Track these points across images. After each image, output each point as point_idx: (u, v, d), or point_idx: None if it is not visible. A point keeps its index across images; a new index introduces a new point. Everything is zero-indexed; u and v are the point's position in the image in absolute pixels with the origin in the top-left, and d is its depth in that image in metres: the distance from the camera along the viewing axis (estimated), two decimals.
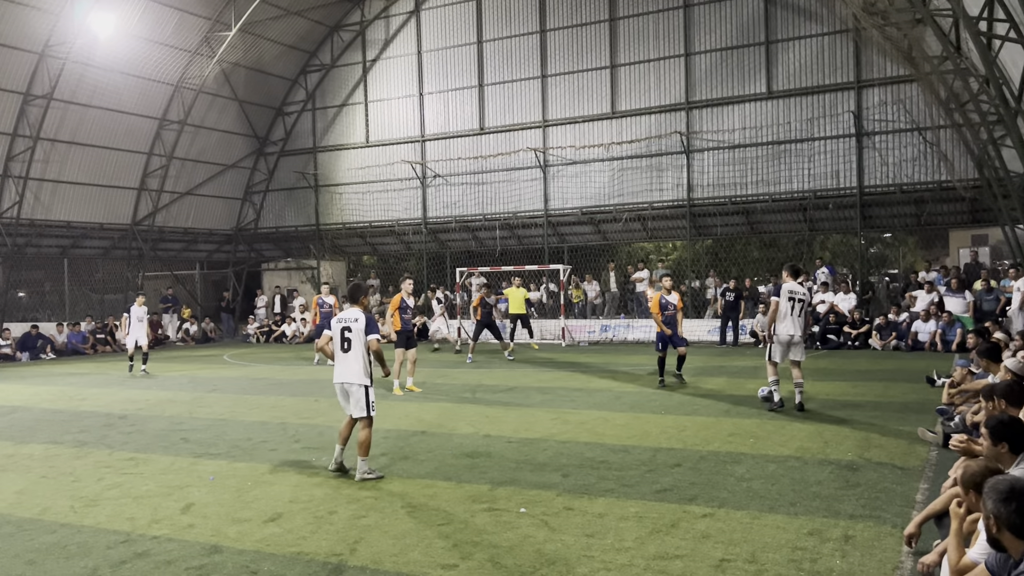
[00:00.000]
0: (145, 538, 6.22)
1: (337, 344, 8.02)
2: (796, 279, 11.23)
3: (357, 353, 7.94)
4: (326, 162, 31.86)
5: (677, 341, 14.21)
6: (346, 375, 7.95)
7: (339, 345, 8.01)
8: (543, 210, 27.57)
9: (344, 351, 7.97)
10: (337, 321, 8.13)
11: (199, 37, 27.68)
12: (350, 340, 7.96)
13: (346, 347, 7.97)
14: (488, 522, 6.34)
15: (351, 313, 8.11)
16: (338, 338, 8.02)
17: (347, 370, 7.95)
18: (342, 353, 7.98)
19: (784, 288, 11.04)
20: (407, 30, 29.95)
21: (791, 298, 10.97)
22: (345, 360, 7.97)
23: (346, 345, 7.97)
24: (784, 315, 10.97)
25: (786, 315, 10.98)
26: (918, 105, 22.27)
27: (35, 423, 12.01)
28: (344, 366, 7.97)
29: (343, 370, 7.97)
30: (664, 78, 25.74)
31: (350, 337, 7.97)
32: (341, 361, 7.99)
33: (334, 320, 8.21)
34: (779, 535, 5.84)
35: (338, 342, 8.02)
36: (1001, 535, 3.56)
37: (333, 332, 8.10)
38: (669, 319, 14.09)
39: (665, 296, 14.26)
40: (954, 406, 9.67)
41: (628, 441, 9.33)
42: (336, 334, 8.05)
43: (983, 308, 19.76)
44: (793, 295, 10.99)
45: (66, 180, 26.78)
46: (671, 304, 14.19)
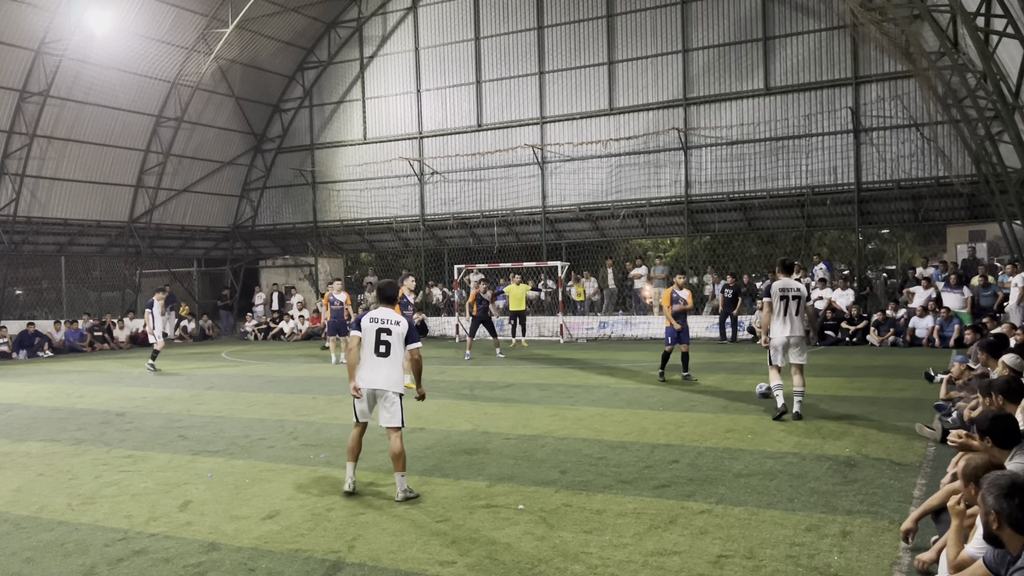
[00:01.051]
0: (143, 535, 6.21)
1: (371, 346, 7.19)
2: (789, 275, 10.51)
3: (396, 358, 7.24)
4: (323, 159, 31.82)
5: (684, 337, 14.28)
6: (380, 381, 7.18)
7: (373, 348, 7.19)
8: (541, 207, 27.55)
9: (380, 355, 7.19)
10: (371, 321, 7.26)
11: (196, 34, 27.63)
12: (389, 344, 7.21)
13: (383, 350, 7.19)
14: (486, 519, 6.34)
15: (388, 314, 7.32)
16: (372, 339, 7.19)
17: (382, 375, 7.18)
18: (376, 357, 7.18)
19: (775, 287, 10.32)
20: (404, 26, 29.90)
21: (783, 296, 10.22)
22: (380, 365, 7.18)
23: (383, 348, 7.19)
24: (777, 315, 10.24)
25: (779, 315, 10.24)
26: (916, 101, 22.27)
27: (32, 421, 11.99)
28: (378, 371, 7.18)
29: (377, 375, 7.17)
30: (662, 74, 25.72)
31: (388, 340, 7.21)
32: (375, 366, 7.18)
33: (366, 319, 7.30)
34: (777, 531, 5.85)
35: (372, 344, 7.19)
36: (1001, 531, 3.56)
37: (366, 332, 7.23)
38: (678, 314, 14.16)
39: (677, 291, 14.35)
40: (952, 402, 9.68)
41: (626, 437, 9.33)
42: (371, 335, 7.21)
43: (981, 304, 19.80)
44: (786, 292, 10.24)
45: (63, 177, 26.75)
46: (682, 298, 14.29)
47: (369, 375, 7.19)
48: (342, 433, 10.08)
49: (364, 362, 7.24)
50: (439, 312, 28.71)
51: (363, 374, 7.21)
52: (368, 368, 7.21)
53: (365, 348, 7.25)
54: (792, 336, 10.18)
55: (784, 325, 10.22)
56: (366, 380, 7.19)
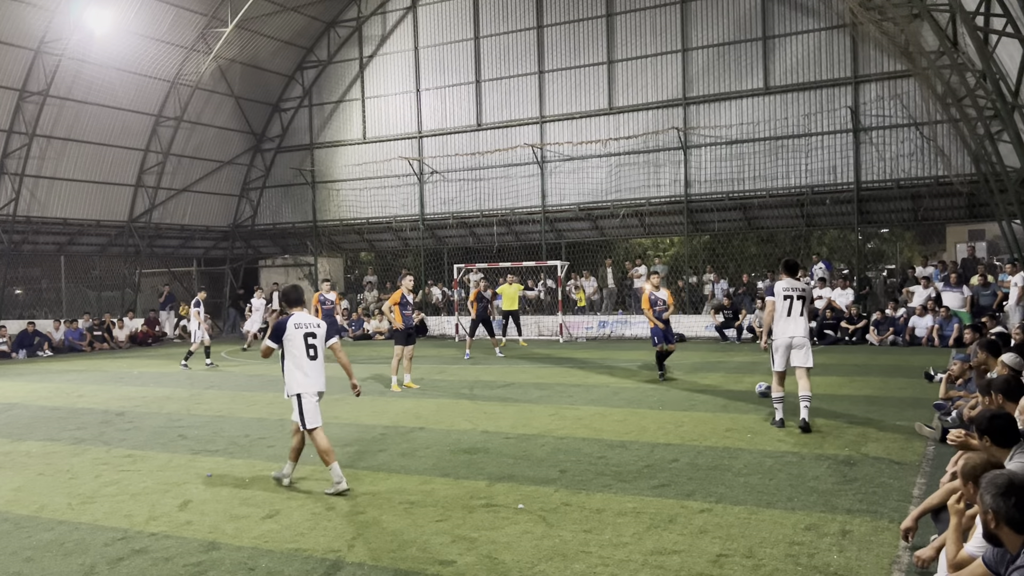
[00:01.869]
0: (143, 535, 6.21)
1: (302, 352, 7.42)
2: (793, 275, 10.04)
3: (322, 359, 7.57)
4: (323, 158, 31.80)
5: (669, 336, 14.51)
6: (321, 382, 7.54)
7: (304, 353, 7.43)
8: (540, 206, 27.54)
9: (311, 358, 7.45)
10: (296, 327, 7.45)
11: (195, 33, 27.61)
12: (316, 347, 7.50)
13: (312, 354, 7.46)
14: (486, 518, 6.34)
15: (308, 318, 7.59)
16: (302, 345, 7.43)
17: (322, 377, 7.55)
18: (309, 360, 7.44)
19: (779, 286, 9.91)
20: (404, 26, 29.89)
21: (787, 296, 9.80)
22: (315, 367, 7.48)
23: (312, 352, 7.46)
24: (781, 314, 9.80)
25: (783, 314, 9.80)
26: (915, 100, 22.27)
27: (32, 420, 11.99)
28: (317, 373, 7.50)
29: (319, 378, 7.52)
30: (661, 74, 25.71)
31: (315, 343, 7.50)
32: (313, 369, 7.46)
33: (291, 326, 7.44)
34: (776, 530, 5.85)
35: (303, 349, 7.43)
36: (999, 530, 3.56)
37: (295, 339, 7.42)
38: (660, 314, 14.40)
39: (654, 292, 14.57)
40: (951, 401, 9.68)
41: (626, 437, 9.33)
42: (299, 340, 7.43)
43: (980, 303, 19.80)
44: (790, 292, 9.81)
45: (62, 177, 26.73)
46: (661, 300, 14.51)
47: (313, 378, 7.47)
48: (342, 433, 10.09)
49: (299, 367, 7.43)
50: (439, 312, 28.72)
51: (306, 379, 7.43)
52: (308, 372, 7.45)
53: (296, 354, 7.45)
54: (796, 336, 9.74)
55: (788, 324, 9.80)
56: (313, 384, 7.46)
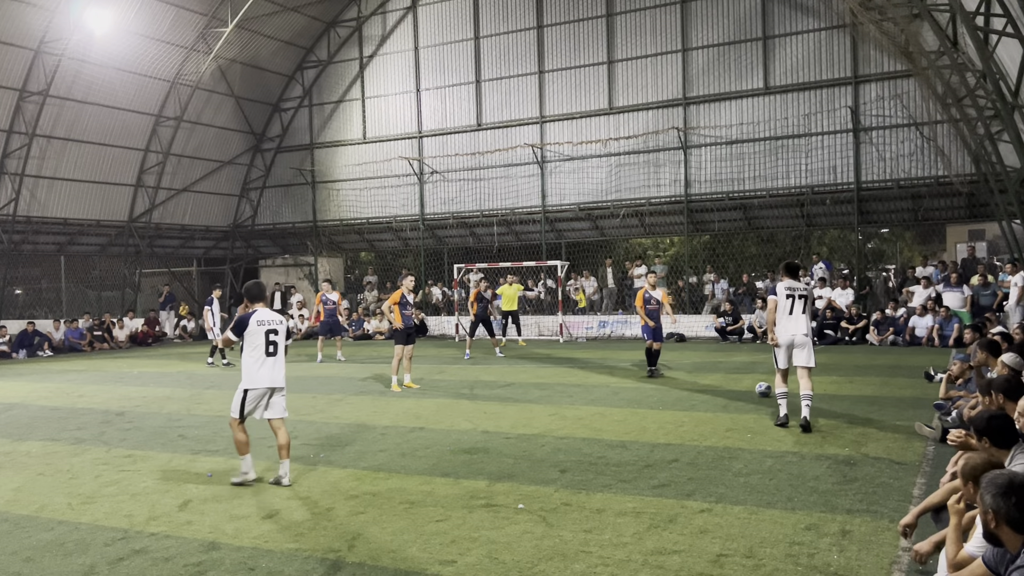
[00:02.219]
0: (143, 535, 6.21)
1: (261, 348, 7.58)
2: (795, 277, 10.06)
3: (283, 356, 7.74)
4: (323, 158, 31.81)
5: (657, 335, 14.89)
6: (277, 379, 7.67)
7: (264, 349, 7.58)
8: (540, 206, 27.54)
9: (270, 354, 7.61)
10: (259, 324, 7.59)
11: (195, 33, 27.61)
12: (276, 343, 7.65)
13: (272, 350, 7.62)
14: (486, 518, 6.34)
15: (271, 315, 7.74)
16: (263, 341, 7.58)
17: (277, 373, 7.68)
18: (267, 357, 7.60)
19: (780, 286, 9.97)
20: (404, 26, 29.89)
21: (789, 295, 9.82)
22: (272, 364, 7.63)
23: (272, 348, 7.62)
24: (783, 313, 9.83)
25: (785, 312, 9.82)
26: (915, 100, 22.26)
27: (32, 420, 11.99)
28: (274, 370, 7.64)
29: (274, 374, 7.64)
30: (661, 74, 25.71)
31: (276, 340, 7.65)
32: (269, 364, 7.59)
33: (253, 322, 7.58)
34: (776, 530, 5.85)
35: (263, 345, 7.58)
36: (999, 530, 3.56)
37: (254, 334, 7.57)
38: (652, 313, 14.80)
39: (649, 291, 14.96)
40: (951, 401, 9.68)
41: (626, 437, 9.33)
42: (260, 337, 7.58)
43: (980, 303, 19.80)
44: (792, 291, 9.84)
45: (62, 177, 26.73)
46: (654, 299, 14.91)
47: (266, 374, 7.61)
48: (342, 432, 10.10)
49: (256, 362, 7.59)
50: (439, 312, 28.72)
51: (259, 374, 7.58)
52: (263, 368, 7.60)
53: (255, 349, 7.59)
54: (797, 335, 9.74)
55: (790, 323, 9.80)
56: (263, 380, 7.60)
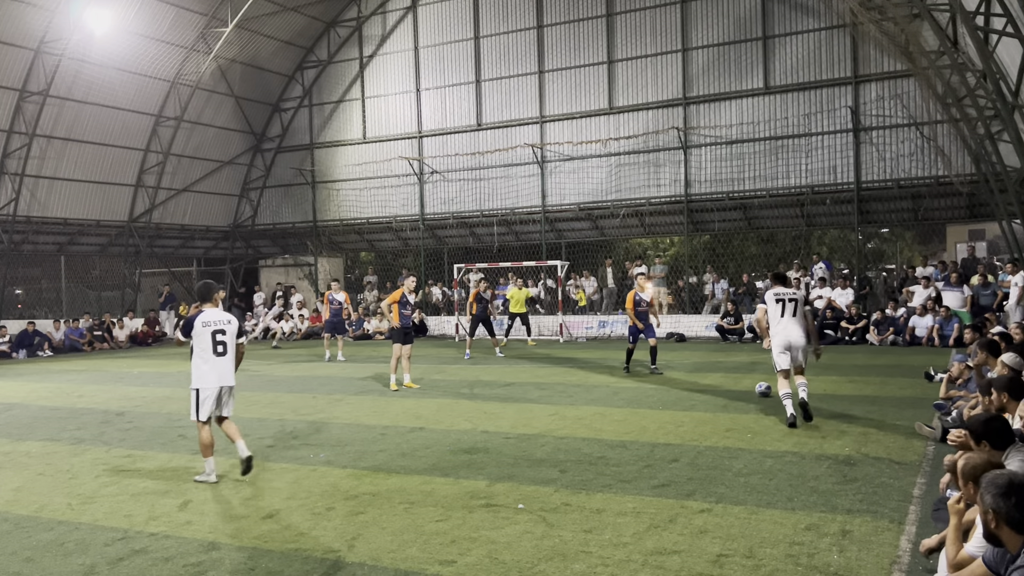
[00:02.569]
0: (143, 535, 6.21)
1: (209, 348, 7.76)
2: (784, 286, 10.22)
3: (232, 355, 7.95)
4: (323, 158, 31.81)
5: (648, 333, 15.35)
6: (226, 378, 7.88)
7: (211, 349, 7.77)
8: (540, 206, 27.54)
9: (219, 354, 7.80)
10: (204, 325, 7.78)
11: (195, 33, 27.62)
12: (225, 344, 7.86)
13: (221, 350, 7.82)
14: (486, 518, 6.34)
15: (218, 315, 7.94)
16: (210, 342, 7.77)
17: (227, 372, 7.89)
18: (216, 357, 7.78)
19: (770, 293, 10.11)
20: (404, 26, 29.89)
21: (779, 299, 9.92)
22: (222, 363, 7.83)
23: (220, 348, 7.82)
24: (775, 317, 9.91)
25: (776, 316, 9.91)
26: (915, 100, 22.26)
27: (32, 420, 11.99)
28: (223, 368, 7.85)
29: (224, 373, 7.86)
30: (661, 74, 25.71)
31: (224, 340, 7.85)
32: (218, 364, 7.80)
33: (199, 324, 7.78)
34: (776, 530, 5.85)
35: (210, 346, 7.76)
36: (999, 530, 3.56)
37: (201, 336, 7.76)
38: (641, 315, 15.30)
39: (639, 293, 15.42)
40: (951, 401, 9.68)
41: (626, 437, 9.33)
42: (207, 337, 7.77)
43: (980, 303, 19.79)
44: (781, 296, 9.95)
45: (62, 177, 26.74)
46: (644, 300, 15.39)
47: (214, 374, 7.81)
48: (342, 432, 10.10)
49: (205, 363, 7.78)
50: (439, 311, 28.72)
51: (209, 374, 7.78)
52: (212, 367, 7.80)
53: (203, 350, 7.79)
54: (792, 339, 9.78)
55: (784, 326, 9.86)
56: (213, 379, 7.80)
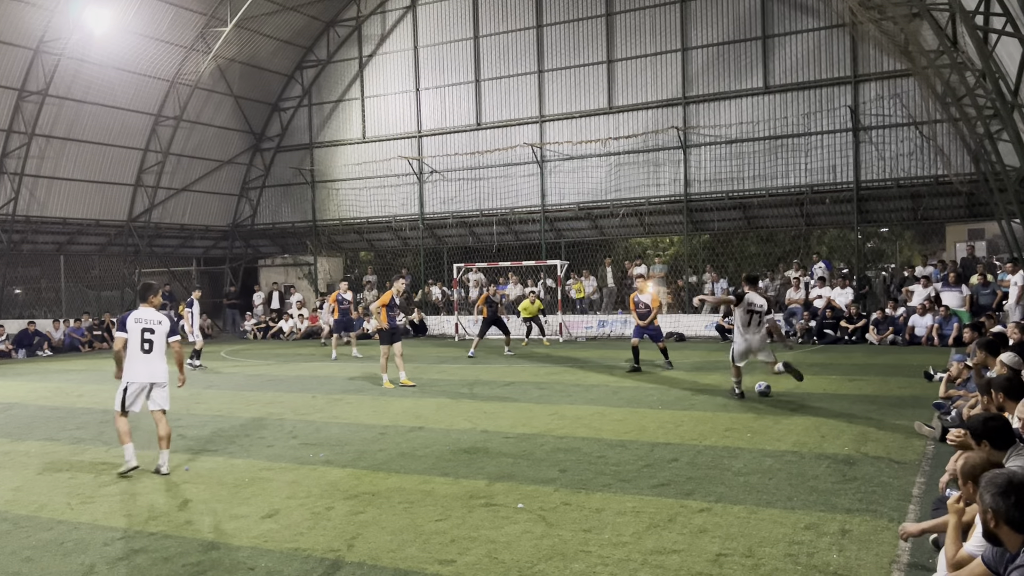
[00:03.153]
0: (142, 535, 6.20)
1: (137, 345, 8.14)
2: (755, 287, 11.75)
3: (160, 353, 8.28)
4: (322, 158, 31.80)
5: (657, 336, 15.85)
6: (155, 375, 8.24)
7: (139, 346, 8.15)
8: (540, 205, 27.54)
9: (146, 352, 8.17)
10: (136, 322, 8.20)
11: (195, 33, 27.61)
12: (152, 342, 8.21)
13: (147, 348, 8.18)
14: (486, 517, 6.34)
15: (150, 314, 8.29)
16: (138, 339, 8.15)
17: (155, 369, 8.24)
18: (143, 353, 8.16)
19: (746, 300, 11.46)
20: (403, 25, 29.88)
21: (751, 311, 11.45)
22: (150, 360, 8.19)
23: (147, 346, 8.18)
24: (743, 324, 11.51)
25: (744, 325, 11.52)
26: (915, 99, 22.26)
27: (32, 420, 11.99)
28: (151, 366, 8.20)
29: (151, 370, 8.21)
30: (661, 73, 25.71)
31: (152, 339, 8.21)
32: (145, 361, 8.17)
33: (131, 321, 8.20)
34: (776, 529, 5.85)
35: (139, 343, 8.15)
36: (999, 529, 3.56)
37: (132, 332, 8.16)
38: (642, 315, 15.75)
39: (639, 295, 15.94)
40: (951, 400, 9.69)
41: (625, 436, 9.33)
42: (136, 335, 8.16)
43: (980, 302, 19.80)
44: (752, 308, 11.47)
45: (62, 176, 26.73)
46: (642, 302, 15.85)
47: (143, 370, 8.20)
48: (342, 432, 10.10)
49: (133, 359, 8.19)
50: (438, 311, 28.71)
51: (136, 370, 8.18)
52: (139, 364, 8.19)
53: (133, 347, 8.18)
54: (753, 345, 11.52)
55: (749, 337, 11.49)
56: (141, 375, 8.20)
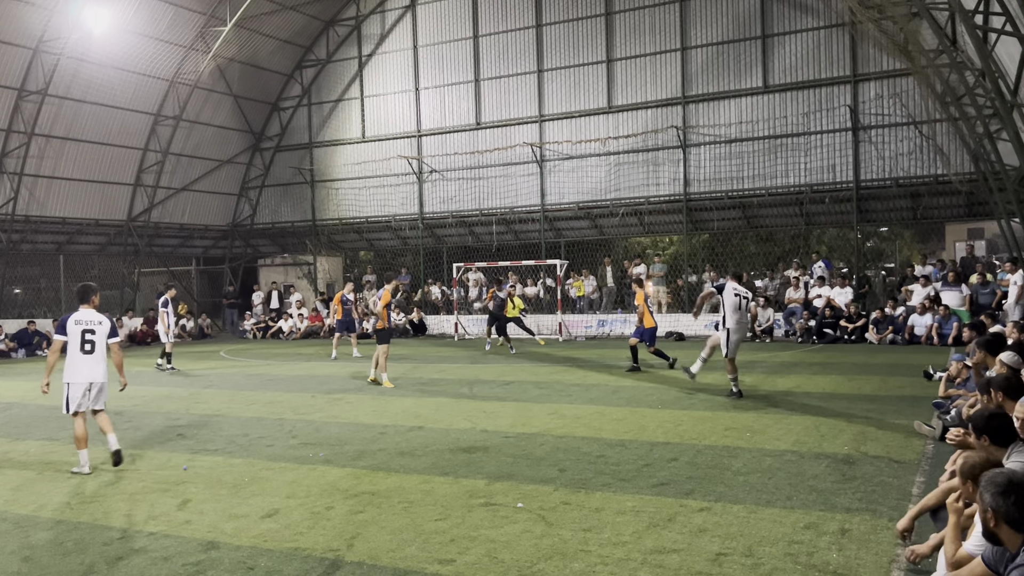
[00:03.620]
0: (142, 534, 6.20)
1: (77, 346, 8.31)
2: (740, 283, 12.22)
3: (101, 354, 8.46)
4: (322, 157, 31.79)
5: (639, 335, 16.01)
6: (96, 375, 8.42)
7: (80, 346, 8.32)
8: (540, 205, 27.54)
9: (86, 352, 8.35)
10: (76, 323, 8.36)
11: (194, 32, 27.60)
12: (93, 342, 8.38)
13: (89, 348, 8.37)
14: (485, 517, 6.34)
15: (91, 315, 8.48)
16: (79, 340, 8.32)
17: (97, 369, 8.42)
18: (84, 354, 8.33)
19: (730, 286, 11.89)
20: (403, 25, 29.88)
21: (738, 294, 11.87)
22: (90, 361, 8.37)
23: (89, 347, 8.36)
24: (733, 310, 11.82)
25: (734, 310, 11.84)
26: (914, 99, 22.27)
27: (31, 420, 11.98)
28: (91, 366, 8.39)
29: (92, 370, 8.39)
30: (660, 72, 25.71)
31: (93, 340, 8.39)
32: (87, 362, 8.34)
33: (71, 322, 8.37)
34: (776, 529, 5.85)
35: (79, 343, 8.31)
36: (999, 528, 3.56)
37: (72, 334, 8.32)
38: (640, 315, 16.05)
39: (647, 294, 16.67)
40: (950, 399, 9.68)
41: (625, 435, 9.33)
42: (76, 336, 8.32)
43: (979, 302, 19.80)
44: (740, 292, 11.91)
45: (61, 176, 26.72)
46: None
47: (84, 370, 8.35)
48: (341, 432, 10.10)
49: (75, 360, 8.34)
50: (437, 311, 28.71)
51: (78, 370, 8.33)
52: (81, 364, 8.34)
53: (74, 347, 8.34)
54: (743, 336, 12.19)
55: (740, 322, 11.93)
56: (82, 375, 8.34)
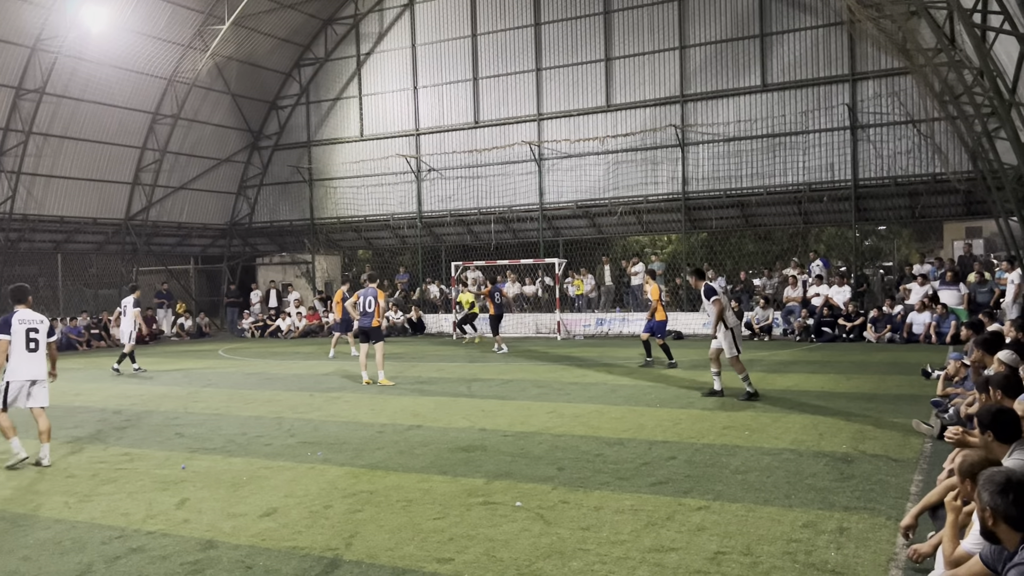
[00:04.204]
0: (140, 533, 6.20)
1: (22, 344, 8.62)
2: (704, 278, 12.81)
3: (43, 352, 8.79)
4: (320, 156, 31.77)
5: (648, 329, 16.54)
6: (37, 372, 8.72)
7: (24, 345, 8.63)
8: (538, 204, 27.53)
9: (31, 351, 8.68)
10: (20, 323, 8.65)
11: (192, 31, 27.56)
12: (37, 341, 8.74)
13: (33, 347, 8.71)
14: (484, 516, 6.34)
15: (32, 315, 8.81)
16: (23, 339, 8.63)
17: (38, 368, 8.73)
18: (28, 352, 8.66)
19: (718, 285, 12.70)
20: (401, 23, 29.85)
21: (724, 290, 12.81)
22: (33, 359, 8.69)
23: (33, 345, 8.71)
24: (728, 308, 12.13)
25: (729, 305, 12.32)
26: (912, 98, 22.28)
27: (29, 419, 11.88)
28: (33, 364, 8.68)
29: (34, 368, 8.69)
30: (659, 71, 25.71)
31: (37, 338, 8.74)
32: (29, 360, 8.65)
33: (15, 320, 8.63)
34: (774, 527, 5.85)
35: (23, 342, 8.63)
36: (997, 527, 3.56)
37: (16, 333, 8.60)
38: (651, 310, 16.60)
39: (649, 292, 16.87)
40: (949, 398, 9.70)
41: (623, 434, 9.33)
42: (21, 335, 8.62)
43: (977, 300, 19.82)
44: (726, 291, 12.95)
45: (59, 175, 26.69)
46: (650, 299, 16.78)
47: (25, 368, 8.64)
48: (340, 431, 10.10)
49: (17, 358, 8.61)
50: (436, 309, 28.70)
51: (20, 368, 8.61)
52: (23, 362, 8.63)
53: (17, 346, 8.61)
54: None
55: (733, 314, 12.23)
56: (24, 373, 8.64)
